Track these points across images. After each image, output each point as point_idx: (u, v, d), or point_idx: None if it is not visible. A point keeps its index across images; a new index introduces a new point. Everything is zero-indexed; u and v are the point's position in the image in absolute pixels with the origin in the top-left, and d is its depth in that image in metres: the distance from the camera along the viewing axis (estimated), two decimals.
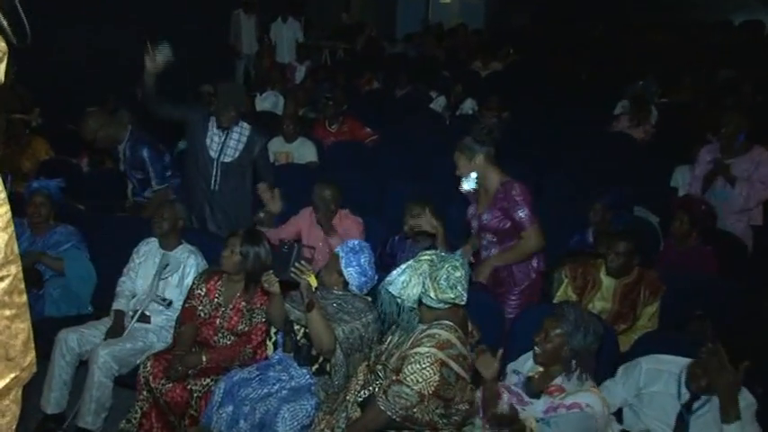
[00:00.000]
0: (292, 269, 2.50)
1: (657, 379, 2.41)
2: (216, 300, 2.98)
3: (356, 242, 2.83)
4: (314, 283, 2.55)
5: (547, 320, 2.31)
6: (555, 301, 3.10)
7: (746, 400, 2.25)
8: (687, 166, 4.67)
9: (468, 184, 2.96)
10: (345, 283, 2.75)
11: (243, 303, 2.94)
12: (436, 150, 4.91)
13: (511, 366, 2.49)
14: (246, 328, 2.90)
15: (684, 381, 2.34)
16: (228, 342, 2.92)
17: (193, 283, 3.08)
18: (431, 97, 7.25)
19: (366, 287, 2.78)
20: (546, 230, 2.93)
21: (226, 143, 3.68)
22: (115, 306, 3.25)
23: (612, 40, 10.12)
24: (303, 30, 9.35)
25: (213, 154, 3.68)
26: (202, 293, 3.00)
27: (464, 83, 7.33)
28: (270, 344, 2.83)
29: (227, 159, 3.69)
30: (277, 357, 2.77)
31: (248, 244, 2.93)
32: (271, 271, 2.60)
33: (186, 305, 3.04)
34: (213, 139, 3.68)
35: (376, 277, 2.78)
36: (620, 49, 9.34)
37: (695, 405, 2.31)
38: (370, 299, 2.74)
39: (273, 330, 2.84)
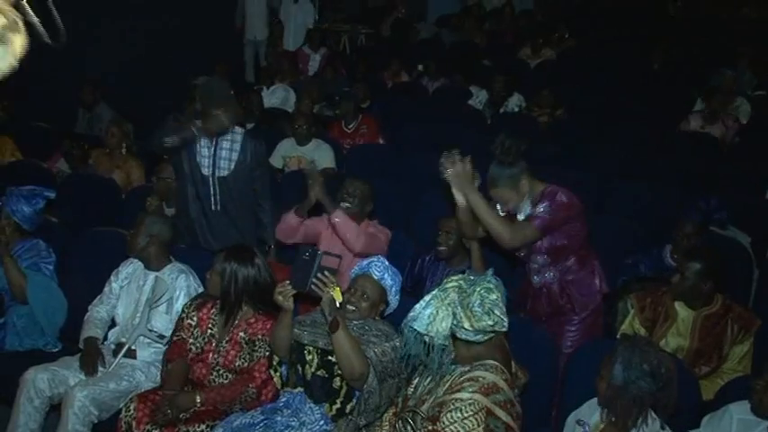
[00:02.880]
0: (314, 280, 2.52)
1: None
2: (209, 331, 2.99)
3: (386, 261, 2.92)
4: (339, 298, 2.57)
5: (604, 359, 2.33)
6: (618, 335, 3.10)
7: None
8: None
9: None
10: (373, 311, 2.82)
11: (241, 334, 2.95)
12: (476, 155, 4.92)
13: (573, 416, 2.49)
14: (246, 364, 2.92)
15: None
16: (226, 381, 2.94)
17: (183, 311, 3.09)
18: (470, 92, 7.30)
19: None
20: (610, 249, 2.93)
21: (217, 155, 3.69)
22: (85, 334, 3.26)
23: (693, 18, 10.03)
24: (318, 12, 9.44)
25: (206, 171, 3.69)
26: (193, 324, 3.02)
27: (510, 74, 7.35)
28: (276, 377, 2.85)
29: (224, 173, 3.70)
30: (284, 399, 2.78)
31: (227, 261, 2.93)
32: (287, 282, 2.62)
33: (175, 338, 3.05)
34: (203, 152, 3.69)
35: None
36: (704, 29, 9.24)
37: None
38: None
39: (276, 360, 2.84)
